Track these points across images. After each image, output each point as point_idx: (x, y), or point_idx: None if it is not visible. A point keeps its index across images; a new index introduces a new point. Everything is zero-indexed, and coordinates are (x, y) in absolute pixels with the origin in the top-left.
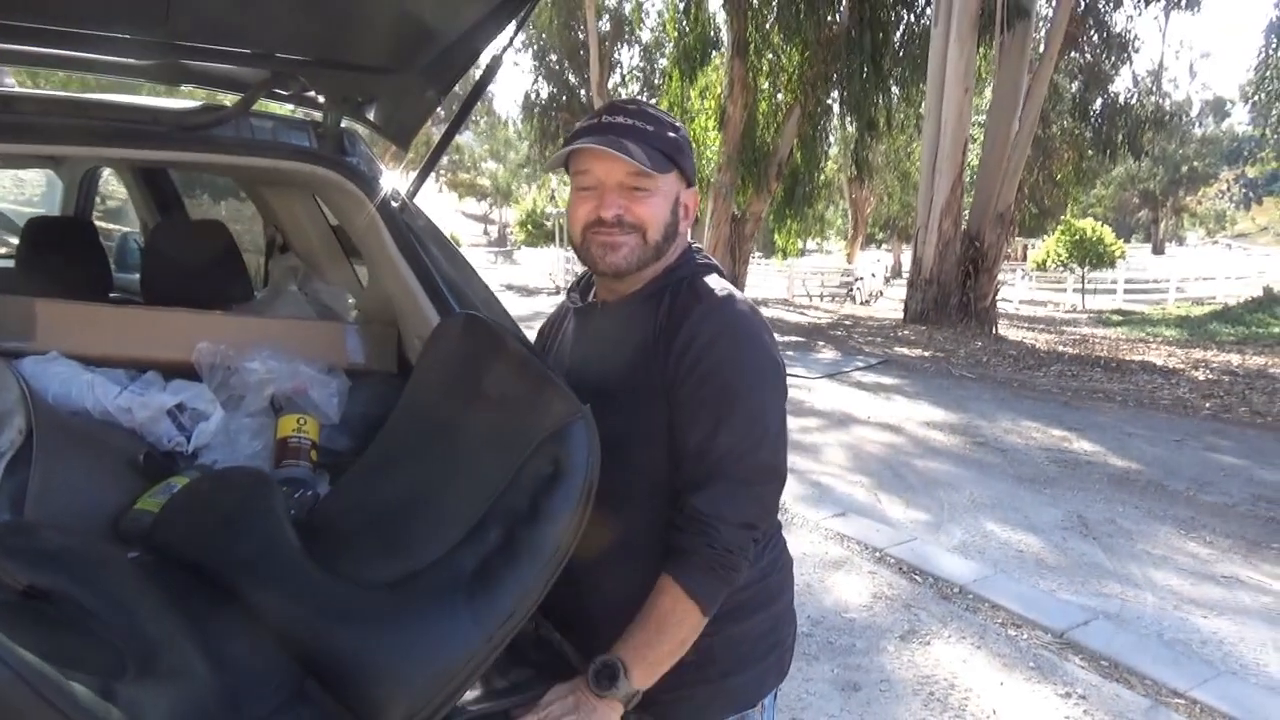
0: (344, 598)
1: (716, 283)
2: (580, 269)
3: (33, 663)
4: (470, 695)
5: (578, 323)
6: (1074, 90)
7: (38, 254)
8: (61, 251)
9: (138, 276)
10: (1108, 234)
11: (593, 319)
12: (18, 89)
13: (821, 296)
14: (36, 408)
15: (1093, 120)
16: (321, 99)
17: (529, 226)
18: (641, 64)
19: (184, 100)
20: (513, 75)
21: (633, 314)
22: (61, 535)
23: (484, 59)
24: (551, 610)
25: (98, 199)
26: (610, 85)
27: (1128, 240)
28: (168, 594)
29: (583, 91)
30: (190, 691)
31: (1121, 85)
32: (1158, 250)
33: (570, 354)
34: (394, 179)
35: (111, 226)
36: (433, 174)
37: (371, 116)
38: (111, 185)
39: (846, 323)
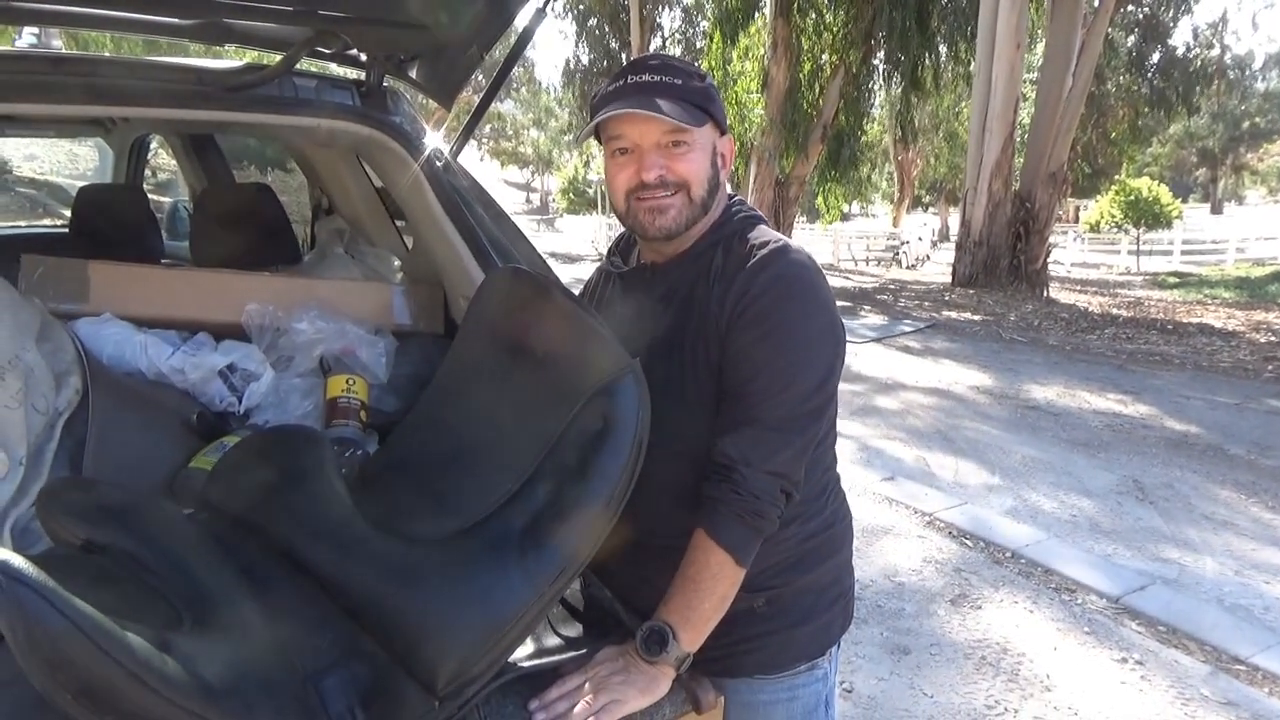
0: (396, 555)
1: (768, 233)
2: (616, 232)
3: (90, 614)
4: (521, 652)
5: (624, 287)
6: (1130, 45)
7: (90, 221)
8: (113, 218)
9: (188, 244)
10: (1164, 193)
11: (640, 282)
12: (64, 51)
13: (867, 261)
14: (92, 368)
15: (1149, 76)
16: (364, 57)
17: (571, 194)
18: (682, 27)
19: (227, 61)
20: (554, 42)
21: (684, 273)
22: (119, 491)
23: (521, 22)
24: (604, 570)
25: (148, 173)
26: (652, 49)
27: (1184, 200)
28: (223, 550)
29: (624, 56)
30: (245, 645)
31: (1180, 39)
32: (1216, 210)
33: (618, 319)
34: (436, 140)
35: (163, 199)
36: (474, 143)
37: (414, 75)
38: (161, 158)
39: (893, 287)
